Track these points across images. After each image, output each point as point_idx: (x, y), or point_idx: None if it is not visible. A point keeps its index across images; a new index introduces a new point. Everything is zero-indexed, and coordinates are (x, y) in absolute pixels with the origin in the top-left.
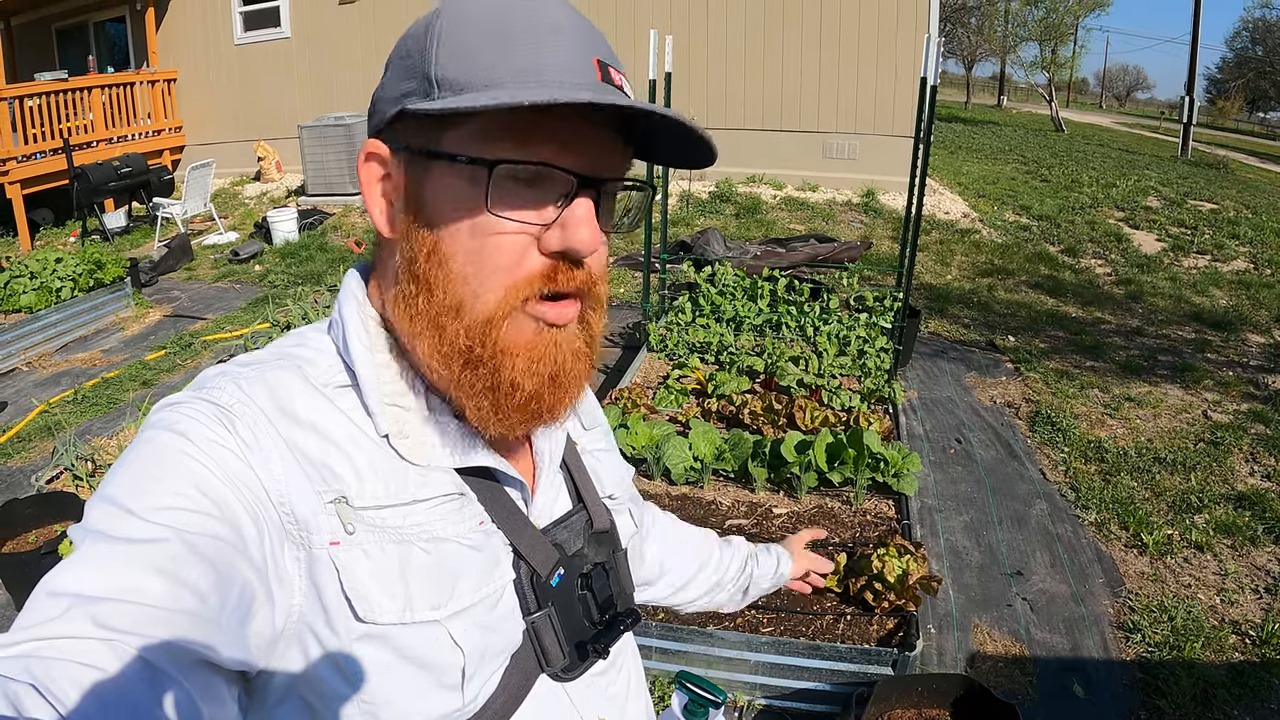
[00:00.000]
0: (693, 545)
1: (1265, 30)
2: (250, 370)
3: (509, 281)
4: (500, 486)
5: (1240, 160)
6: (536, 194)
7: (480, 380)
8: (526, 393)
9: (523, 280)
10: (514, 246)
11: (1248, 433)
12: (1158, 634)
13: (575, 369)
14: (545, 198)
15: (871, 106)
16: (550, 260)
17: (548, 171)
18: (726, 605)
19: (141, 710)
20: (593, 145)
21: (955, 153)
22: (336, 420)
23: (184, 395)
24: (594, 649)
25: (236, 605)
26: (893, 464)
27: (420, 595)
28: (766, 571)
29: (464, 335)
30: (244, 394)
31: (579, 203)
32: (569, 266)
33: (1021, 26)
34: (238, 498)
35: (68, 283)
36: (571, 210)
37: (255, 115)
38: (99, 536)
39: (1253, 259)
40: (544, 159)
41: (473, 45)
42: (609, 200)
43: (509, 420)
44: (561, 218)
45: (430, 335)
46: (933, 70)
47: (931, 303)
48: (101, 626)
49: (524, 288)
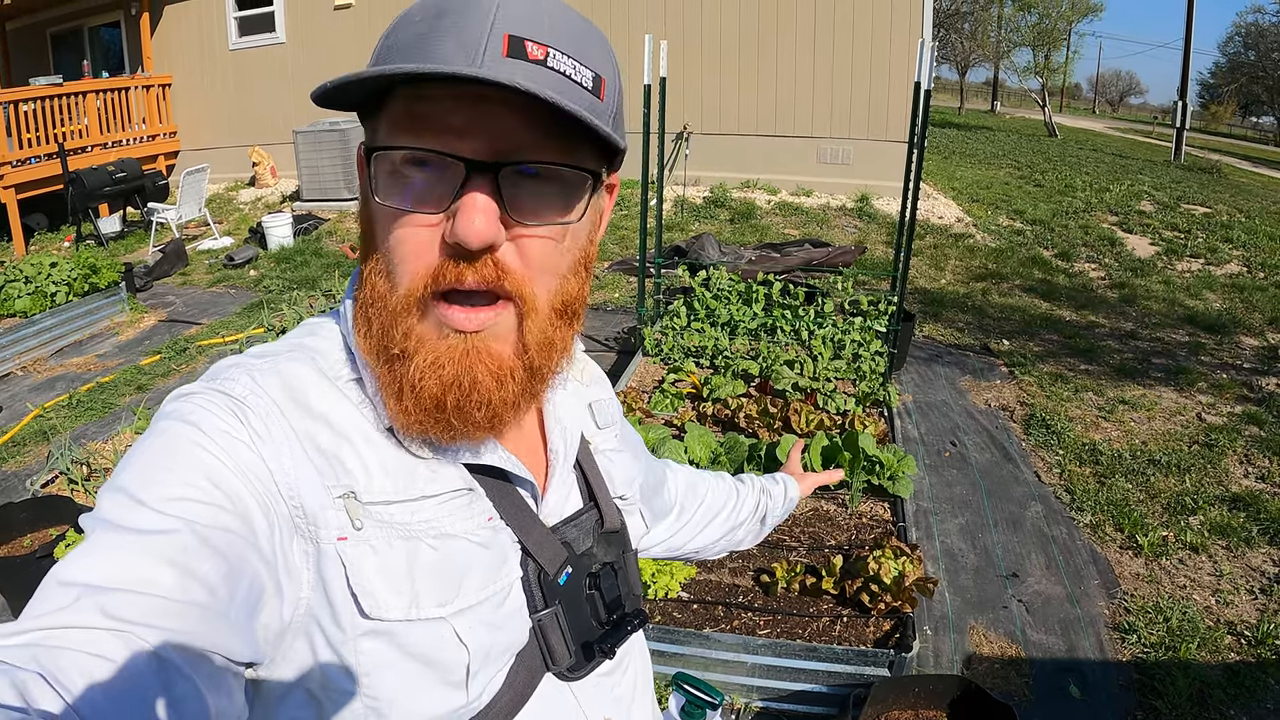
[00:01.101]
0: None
1: (1258, 35)
2: (264, 361)
3: (412, 275)
4: (509, 483)
5: (1233, 164)
6: (435, 184)
7: (394, 377)
8: (428, 395)
9: (423, 273)
10: (414, 238)
11: (1242, 434)
12: (1153, 635)
13: (491, 383)
14: (445, 188)
15: (865, 112)
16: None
17: (438, 158)
18: (746, 541)
19: (149, 701)
20: (496, 128)
21: (949, 158)
22: (348, 413)
23: (197, 386)
24: (600, 649)
25: (245, 598)
26: (888, 467)
27: (427, 592)
28: (778, 501)
29: (380, 327)
30: (257, 385)
31: (468, 188)
32: (466, 261)
33: (1014, 32)
34: (249, 490)
35: (62, 287)
36: (461, 199)
37: (250, 120)
38: (109, 526)
39: (1246, 262)
40: (435, 145)
41: (398, 40)
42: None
43: (418, 423)
44: (453, 206)
45: (363, 327)
46: (926, 75)
47: (926, 307)
48: (110, 617)
49: (425, 281)
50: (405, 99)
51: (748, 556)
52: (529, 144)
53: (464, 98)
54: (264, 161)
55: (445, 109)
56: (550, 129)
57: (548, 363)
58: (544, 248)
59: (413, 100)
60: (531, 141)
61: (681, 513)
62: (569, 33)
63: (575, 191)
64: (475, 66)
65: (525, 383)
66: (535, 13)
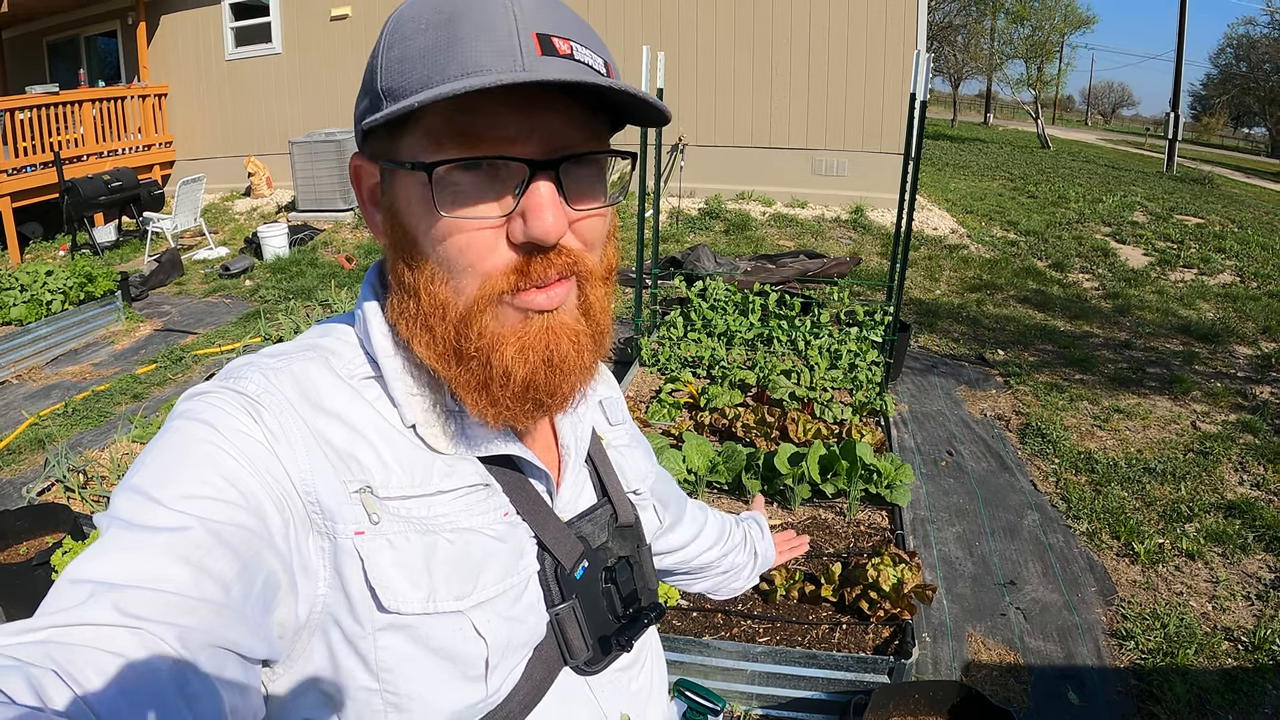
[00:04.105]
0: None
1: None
2: (277, 361)
3: (481, 276)
4: (525, 478)
5: (1225, 175)
6: (493, 187)
7: (473, 374)
8: (520, 380)
9: (496, 273)
10: (479, 242)
11: (1236, 442)
12: (1151, 641)
13: (572, 352)
14: (503, 189)
15: (860, 124)
16: (520, 251)
17: (497, 163)
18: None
19: (164, 698)
20: (546, 126)
21: (943, 169)
22: (362, 410)
23: (211, 385)
24: (618, 642)
25: (260, 595)
26: (885, 475)
27: (444, 586)
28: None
29: (452, 333)
30: (270, 384)
31: (535, 188)
32: (542, 254)
33: (1008, 44)
34: (263, 487)
35: (58, 296)
36: (529, 197)
37: (246, 130)
38: (124, 524)
39: (1239, 272)
40: (493, 152)
41: (409, 50)
42: (590, 173)
43: (508, 410)
44: (520, 206)
45: (425, 337)
46: (922, 87)
47: (921, 317)
48: (125, 614)
49: (499, 280)
50: (444, 111)
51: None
52: (575, 136)
53: (515, 101)
54: (260, 172)
55: (498, 115)
56: (586, 118)
57: (603, 322)
58: (596, 225)
59: (455, 111)
60: (576, 133)
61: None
62: (573, 22)
63: (607, 171)
64: (527, 71)
65: (591, 347)
66: (543, 6)
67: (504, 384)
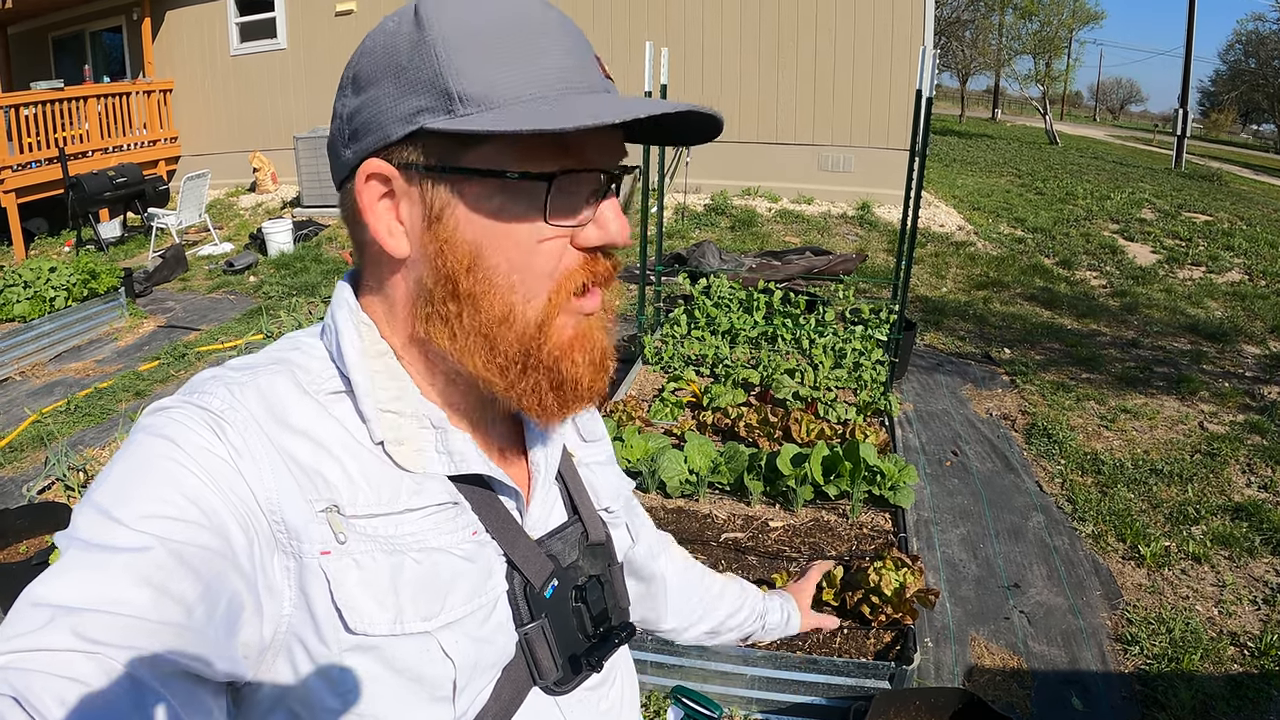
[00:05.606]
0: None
1: (1258, 43)
2: (243, 375)
3: (552, 284)
4: (495, 496)
5: (1234, 172)
6: (575, 196)
7: (540, 382)
8: (587, 381)
9: (565, 280)
10: (555, 250)
11: (1244, 444)
12: (1156, 646)
13: (608, 343)
14: (580, 198)
15: (866, 120)
16: (587, 255)
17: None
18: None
19: None
20: (615, 140)
21: (950, 166)
22: (329, 427)
23: (174, 400)
24: (588, 662)
25: (224, 616)
26: (889, 476)
27: (411, 606)
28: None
29: (517, 343)
30: (235, 399)
31: (611, 197)
32: (606, 258)
33: (1015, 40)
34: (227, 506)
35: (61, 292)
36: (607, 205)
37: (251, 126)
38: (84, 545)
39: (1247, 270)
40: (593, 164)
41: (483, 54)
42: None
43: (569, 411)
44: (597, 215)
45: (482, 349)
46: (928, 83)
47: (927, 315)
48: (83, 639)
49: (567, 286)
50: None
51: (747, 568)
52: (623, 150)
53: None
54: (265, 167)
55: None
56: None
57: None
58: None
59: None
60: (622, 148)
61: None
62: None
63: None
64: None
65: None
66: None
67: (574, 389)
